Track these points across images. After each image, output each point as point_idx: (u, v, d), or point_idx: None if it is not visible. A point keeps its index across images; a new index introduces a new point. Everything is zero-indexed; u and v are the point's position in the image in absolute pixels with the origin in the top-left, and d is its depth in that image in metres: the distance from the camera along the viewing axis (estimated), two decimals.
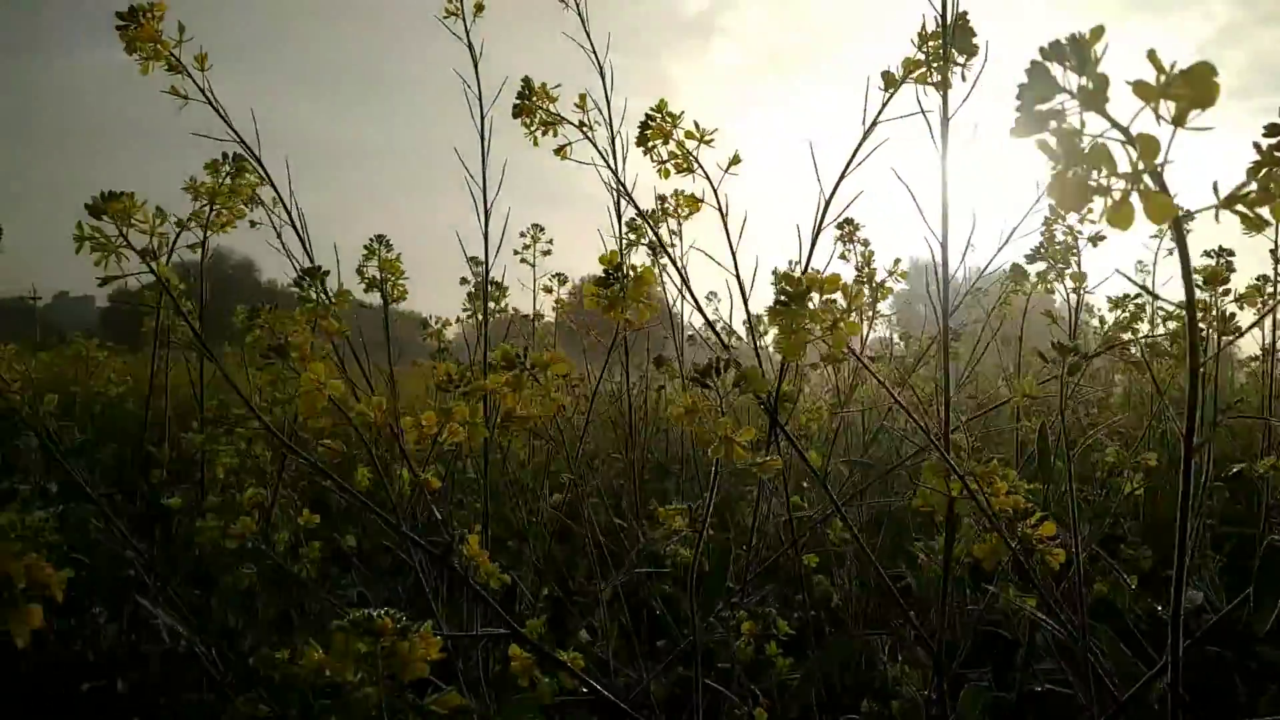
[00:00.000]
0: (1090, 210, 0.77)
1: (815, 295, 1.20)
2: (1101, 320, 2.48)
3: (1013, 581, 1.61)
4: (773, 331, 1.23)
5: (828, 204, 1.61)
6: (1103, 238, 2.27)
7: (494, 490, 2.32)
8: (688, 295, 1.79)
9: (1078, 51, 0.69)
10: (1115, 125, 0.68)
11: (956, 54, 1.50)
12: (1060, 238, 2.30)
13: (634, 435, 2.55)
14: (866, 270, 2.31)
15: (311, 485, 2.42)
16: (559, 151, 1.83)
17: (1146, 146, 0.67)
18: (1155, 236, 3.06)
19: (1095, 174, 0.69)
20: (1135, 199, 0.69)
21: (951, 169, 1.49)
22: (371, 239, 2.56)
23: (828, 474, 1.88)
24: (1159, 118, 0.68)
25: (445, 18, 2.14)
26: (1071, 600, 1.50)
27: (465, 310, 3.14)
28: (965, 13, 1.51)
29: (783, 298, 1.20)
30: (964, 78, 1.52)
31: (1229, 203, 0.70)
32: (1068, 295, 2.30)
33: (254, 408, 1.45)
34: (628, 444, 2.52)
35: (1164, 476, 2.50)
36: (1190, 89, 0.66)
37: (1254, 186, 0.70)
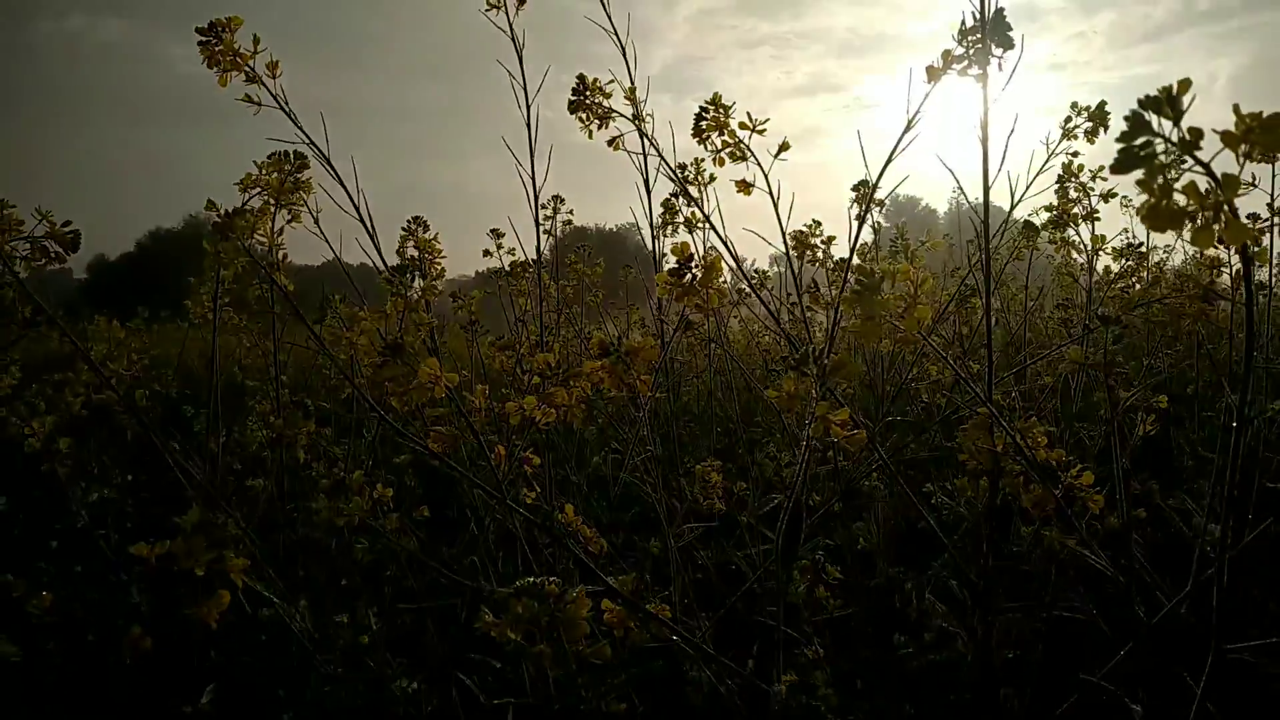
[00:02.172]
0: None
1: (888, 284, 1.34)
2: (1107, 270, 2.64)
3: (1052, 525, 1.78)
4: (850, 316, 1.37)
5: (873, 191, 1.75)
6: (1114, 194, 2.42)
7: (557, 454, 2.47)
8: (739, 271, 1.92)
9: (1172, 103, 0.82)
10: (1204, 167, 0.82)
11: (994, 47, 1.63)
12: (1073, 194, 2.44)
13: (670, 395, 2.70)
14: (901, 241, 2.46)
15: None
16: (612, 143, 1.95)
17: (1229, 184, 0.81)
18: None
19: (1184, 203, 0.84)
20: (1216, 225, 0.83)
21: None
22: (409, 220, 2.67)
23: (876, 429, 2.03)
24: (1239, 158, 0.82)
25: (487, 10, 2.23)
26: (1108, 539, 1.67)
27: (495, 277, 3.26)
28: (1002, 8, 1.63)
29: (858, 287, 1.34)
30: (1000, 68, 1.64)
31: None
32: (1087, 253, 2.44)
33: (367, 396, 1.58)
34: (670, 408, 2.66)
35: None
36: (1265, 136, 0.81)
37: None
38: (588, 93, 1.95)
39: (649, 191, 2.56)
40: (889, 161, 1.74)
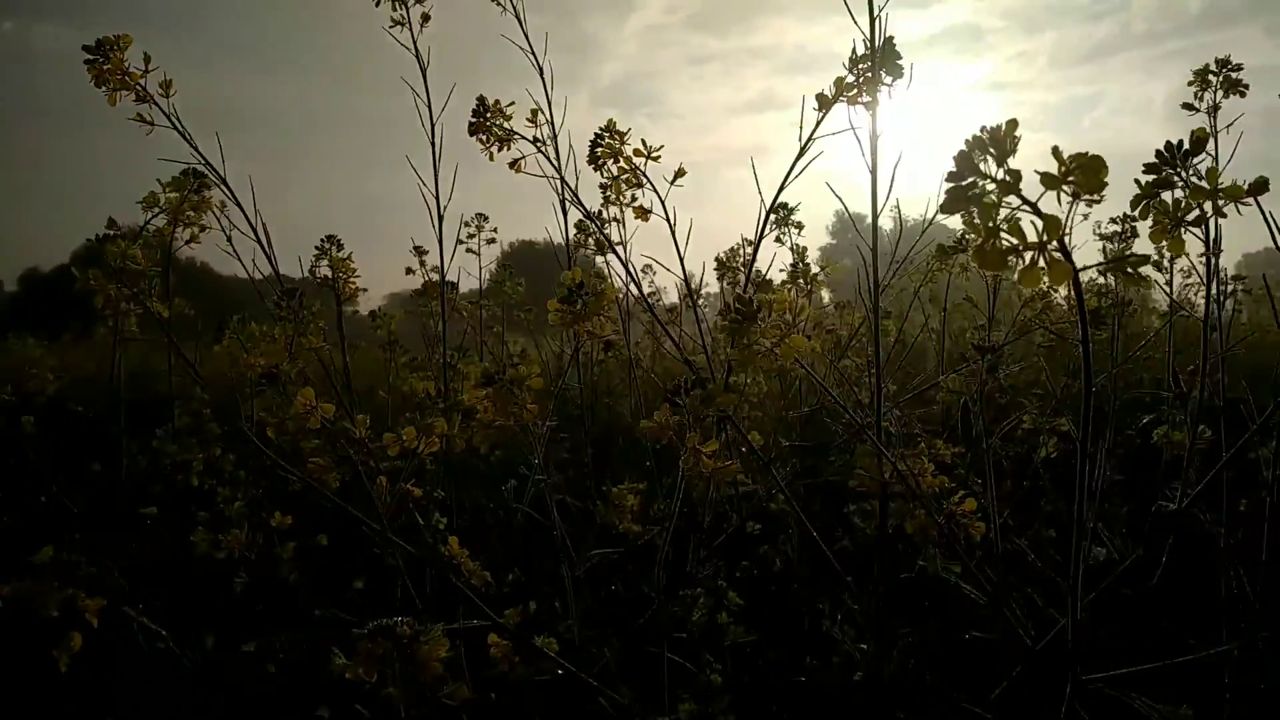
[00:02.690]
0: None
1: (764, 313, 1.33)
2: (1019, 293, 2.66)
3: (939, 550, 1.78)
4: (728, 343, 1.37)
5: (769, 213, 1.75)
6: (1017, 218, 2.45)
7: (460, 480, 2.44)
8: (637, 294, 1.91)
9: (997, 144, 0.83)
10: (1029, 205, 0.83)
11: (884, 75, 1.64)
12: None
13: (585, 417, 2.68)
14: (801, 265, 2.47)
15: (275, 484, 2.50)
16: (513, 165, 1.94)
17: (1050, 224, 0.82)
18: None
19: (1010, 243, 0.84)
20: (1041, 263, 0.84)
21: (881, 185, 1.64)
22: (323, 239, 2.63)
23: (771, 453, 2.03)
24: (1060, 199, 0.82)
25: (391, 27, 2.21)
26: (994, 563, 1.68)
27: (416, 297, 3.22)
28: (892, 37, 1.64)
29: (736, 316, 1.33)
30: (890, 96, 1.66)
31: (1114, 265, 0.86)
32: (985, 278, 2.47)
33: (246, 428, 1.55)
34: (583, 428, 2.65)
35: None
36: (1083, 178, 0.81)
37: (1134, 250, 0.85)
38: (488, 115, 1.93)
39: (565, 213, 2.55)
40: (782, 188, 1.74)
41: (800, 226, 2.90)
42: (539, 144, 1.92)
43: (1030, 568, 2.26)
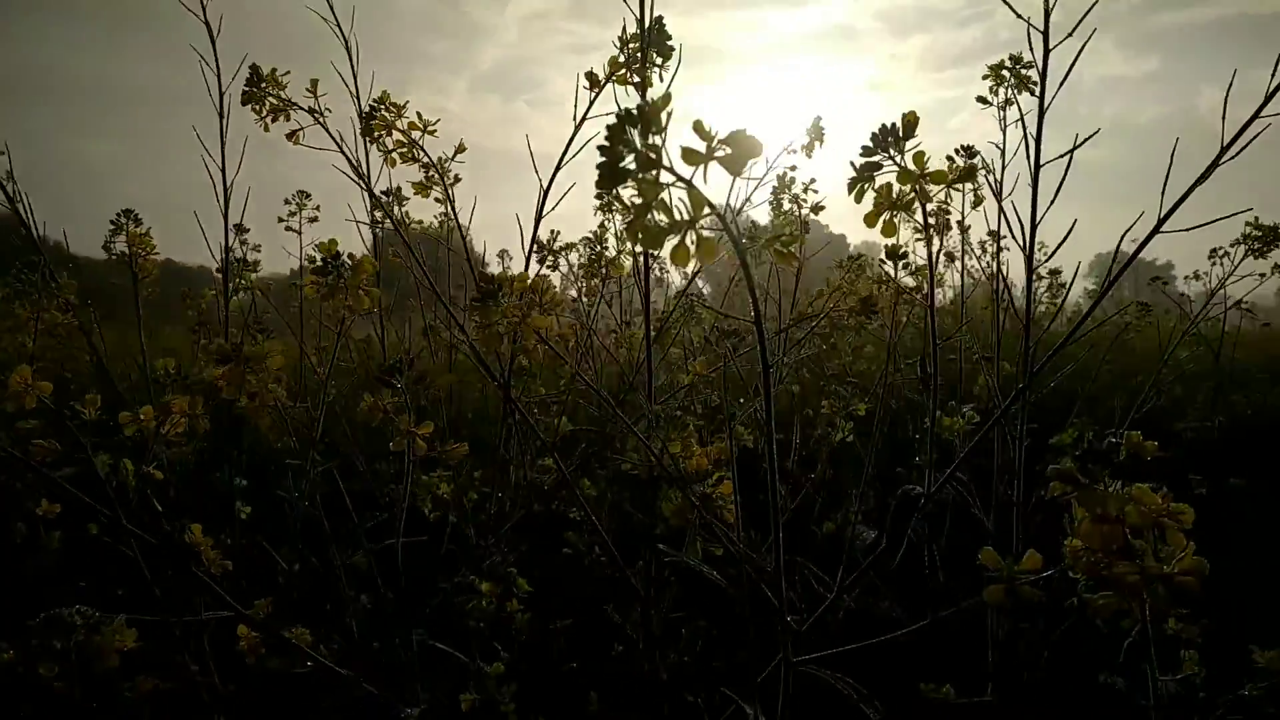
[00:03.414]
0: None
1: (506, 292, 1.31)
2: (827, 281, 2.71)
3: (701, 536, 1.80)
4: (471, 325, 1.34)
5: (545, 193, 1.72)
6: (822, 207, 2.50)
7: (255, 464, 2.35)
8: (420, 275, 1.86)
9: (644, 120, 0.81)
10: (681, 181, 0.82)
11: (655, 55, 1.63)
12: (787, 207, 2.50)
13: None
14: (599, 249, 2.46)
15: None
16: (291, 137, 1.86)
17: (695, 201, 0.81)
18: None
19: (663, 220, 0.83)
20: (689, 241, 0.83)
21: None
22: (119, 214, 2.50)
23: (560, 436, 2.02)
24: (705, 177, 0.81)
25: None
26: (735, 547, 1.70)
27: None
28: (661, 17, 1.63)
29: (476, 297, 1.30)
30: (662, 78, 1.65)
31: (768, 244, 0.85)
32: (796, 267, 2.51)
33: None
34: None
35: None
36: (732, 150, 0.80)
37: (786, 233, 0.85)
38: (263, 84, 1.85)
39: (370, 193, 2.47)
40: (557, 169, 1.72)
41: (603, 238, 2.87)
42: (315, 114, 1.85)
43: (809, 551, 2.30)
